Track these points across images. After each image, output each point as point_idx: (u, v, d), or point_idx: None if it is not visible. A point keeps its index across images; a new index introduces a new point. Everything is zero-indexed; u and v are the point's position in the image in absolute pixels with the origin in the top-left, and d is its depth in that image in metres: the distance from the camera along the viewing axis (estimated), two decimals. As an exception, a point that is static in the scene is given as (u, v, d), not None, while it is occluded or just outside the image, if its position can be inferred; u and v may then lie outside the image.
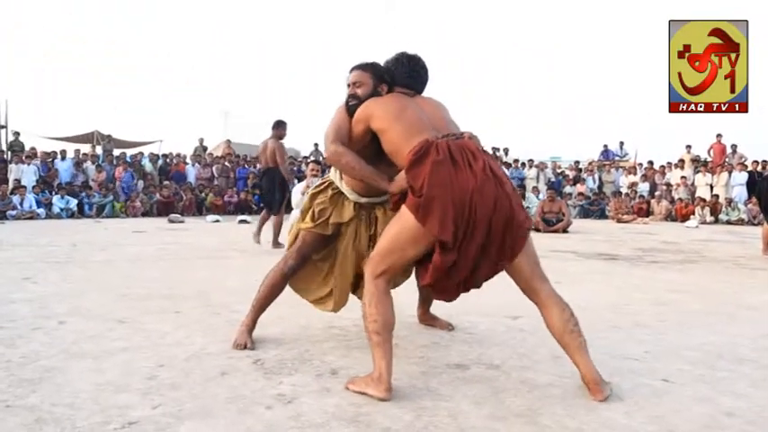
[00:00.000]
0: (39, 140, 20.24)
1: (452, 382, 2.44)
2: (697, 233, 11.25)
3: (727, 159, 16.86)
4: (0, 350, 2.75)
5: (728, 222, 14.28)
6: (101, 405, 2.08)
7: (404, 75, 2.63)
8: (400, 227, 2.28)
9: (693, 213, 14.81)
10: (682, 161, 17.51)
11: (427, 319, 3.38)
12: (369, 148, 2.55)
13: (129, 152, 18.85)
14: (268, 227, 7.60)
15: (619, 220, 14.42)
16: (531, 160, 19.15)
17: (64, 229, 10.15)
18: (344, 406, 2.14)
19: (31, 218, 12.55)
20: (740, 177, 15.49)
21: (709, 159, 17.53)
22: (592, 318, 3.51)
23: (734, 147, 17.06)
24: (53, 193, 13.80)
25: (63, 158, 15.80)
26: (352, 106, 2.57)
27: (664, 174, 17.51)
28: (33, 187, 13.58)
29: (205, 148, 20.39)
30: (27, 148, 16.45)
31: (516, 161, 18.85)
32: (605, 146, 21.18)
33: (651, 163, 18.30)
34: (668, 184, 16.68)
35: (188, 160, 18.16)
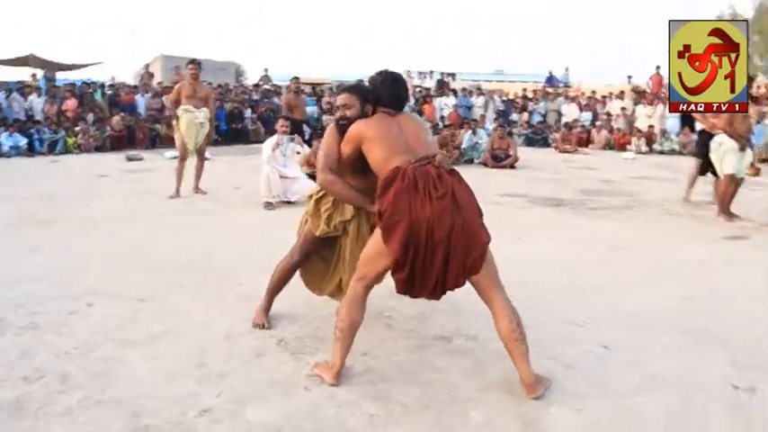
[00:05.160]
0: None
1: (442, 355, 3.06)
2: (634, 167, 12.14)
3: (664, 91, 17.74)
4: (50, 338, 3.16)
5: (662, 152, 15.31)
6: (173, 395, 2.58)
7: (387, 96, 3.05)
8: (374, 241, 2.77)
9: (630, 143, 15.77)
10: (622, 92, 18.29)
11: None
12: (360, 159, 3.01)
13: (73, 78, 18.19)
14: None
15: (562, 151, 15.24)
16: (479, 88, 19.60)
17: (24, 174, 10.10)
18: (365, 384, 2.72)
19: (-20, 157, 12.26)
20: (674, 109, 16.39)
21: (647, 90, 18.36)
22: (541, 279, 4.20)
23: (670, 77, 17.83)
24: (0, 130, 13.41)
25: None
26: (342, 125, 3.04)
27: (605, 104, 18.31)
28: (-22, 124, 13.17)
29: (151, 75, 19.88)
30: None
31: (464, 89, 19.26)
32: (550, 72, 21.80)
33: (593, 92, 19.05)
34: (608, 114, 17.50)
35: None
